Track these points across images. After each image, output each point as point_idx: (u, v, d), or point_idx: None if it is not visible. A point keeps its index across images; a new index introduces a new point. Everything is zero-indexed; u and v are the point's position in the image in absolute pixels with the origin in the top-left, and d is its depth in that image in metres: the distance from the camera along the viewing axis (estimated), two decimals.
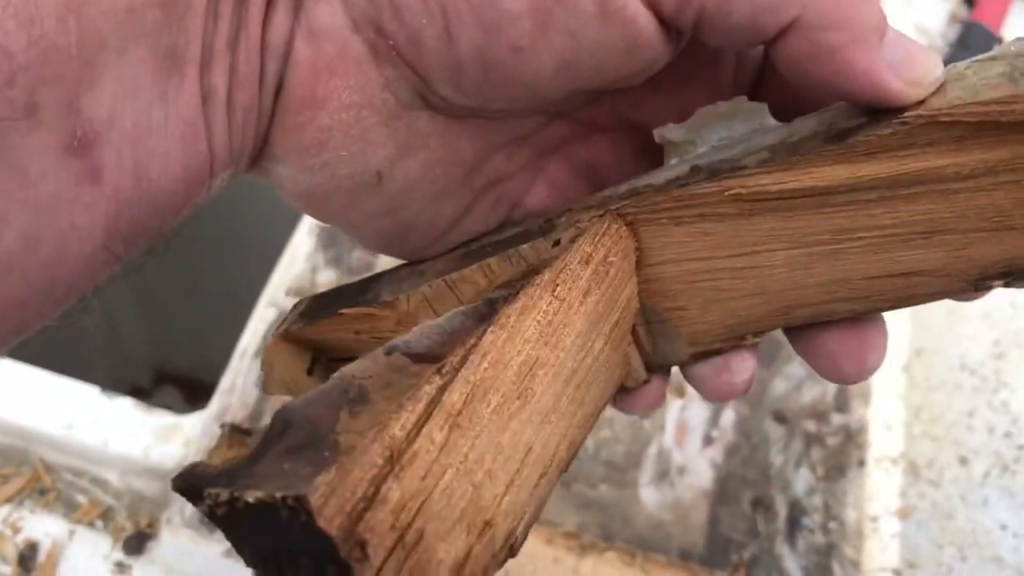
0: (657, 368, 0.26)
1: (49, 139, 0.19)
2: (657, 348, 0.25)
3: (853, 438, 0.63)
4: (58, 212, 0.19)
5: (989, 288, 0.22)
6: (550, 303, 0.22)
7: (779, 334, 0.25)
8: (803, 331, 0.25)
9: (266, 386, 0.28)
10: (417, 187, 0.25)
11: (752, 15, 0.21)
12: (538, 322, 0.22)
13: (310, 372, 0.27)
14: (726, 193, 0.23)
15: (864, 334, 0.25)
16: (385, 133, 0.23)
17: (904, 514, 0.63)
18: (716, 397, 0.27)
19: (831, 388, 0.65)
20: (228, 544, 0.54)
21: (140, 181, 0.21)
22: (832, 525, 0.60)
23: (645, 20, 0.22)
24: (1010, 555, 0.63)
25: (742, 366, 0.26)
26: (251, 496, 0.19)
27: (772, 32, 0.22)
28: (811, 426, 0.63)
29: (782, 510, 0.59)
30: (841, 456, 0.62)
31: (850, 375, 0.25)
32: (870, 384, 0.66)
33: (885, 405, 0.67)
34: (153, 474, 0.57)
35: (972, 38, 0.87)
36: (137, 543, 0.55)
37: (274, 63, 0.22)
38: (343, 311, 0.25)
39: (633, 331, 0.24)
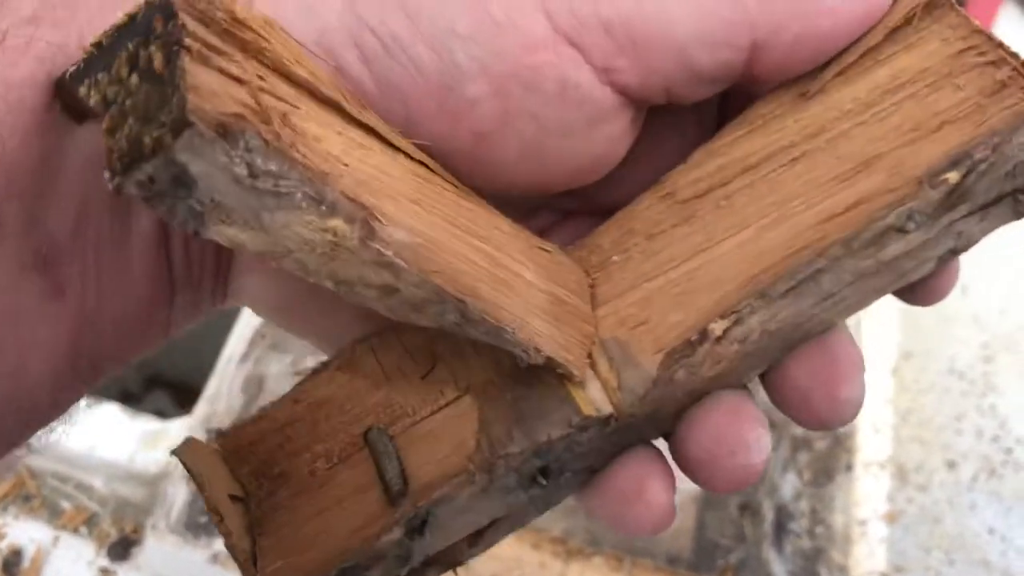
0: (627, 408, 0.23)
1: (11, 254, 0.19)
2: (623, 381, 0.22)
3: (841, 442, 0.63)
4: (21, 325, 0.19)
5: (945, 183, 0.21)
6: None
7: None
8: (772, 372, 0.23)
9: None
10: None
11: (717, 63, 0.22)
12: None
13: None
14: (659, 196, 0.23)
15: (836, 366, 0.23)
16: None
17: (892, 518, 0.63)
18: (726, 486, 0.23)
19: None
20: (214, 550, 0.54)
21: (103, 298, 0.21)
22: (819, 530, 0.59)
23: (604, 96, 0.22)
24: (998, 559, 0.63)
25: (757, 444, 0.23)
26: (120, 16, 0.17)
27: (742, 68, 0.22)
28: (799, 430, 0.63)
29: (769, 514, 0.59)
30: (829, 460, 0.62)
31: (824, 413, 0.23)
32: None
33: (873, 409, 0.67)
34: (138, 480, 0.57)
35: None
36: (122, 549, 0.55)
37: None
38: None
39: (591, 359, 0.23)
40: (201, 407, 0.59)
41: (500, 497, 0.22)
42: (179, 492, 0.56)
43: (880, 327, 0.71)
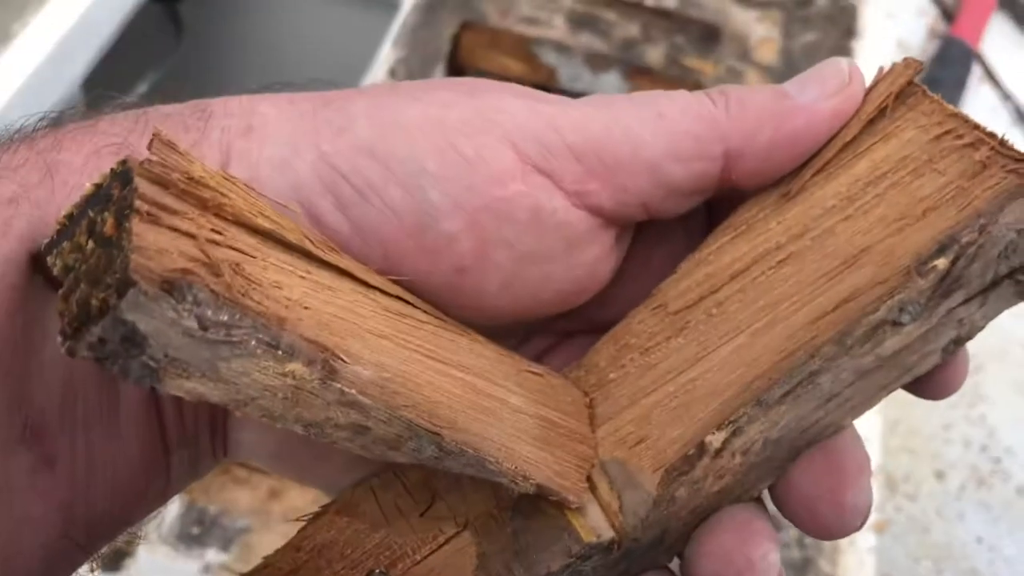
0: (630, 531, 0.22)
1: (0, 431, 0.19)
2: (625, 503, 0.22)
3: None
4: (12, 502, 0.19)
5: (934, 270, 0.21)
6: None
7: None
8: (778, 484, 0.23)
9: None
10: None
11: (692, 176, 0.22)
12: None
13: None
14: (651, 309, 0.23)
15: (841, 471, 0.22)
16: None
17: (881, 528, 0.63)
18: None
19: None
20: (206, 560, 0.54)
21: (94, 466, 0.21)
22: (808, 540, 0.60)
23: (580, 219, 0.22)
24: (986, 568, 0.63)
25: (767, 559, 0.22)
26: (86, 187, 0.17)
27: (719, 177, 0.23)
28: None
29: None
30: None
31: (831, 522, 0.22)
32: None
33: (862, 418, 0.67)
34: None
35: (951, 53, 0.88)
36: (114, 560, 0.55)
37: None
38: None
39: (590, 483, 0.22)
40: None
41: None
42: (171, 504, 0.56)
43: None
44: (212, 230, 0.17)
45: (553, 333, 0.27)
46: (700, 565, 0.22)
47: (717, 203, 0.25)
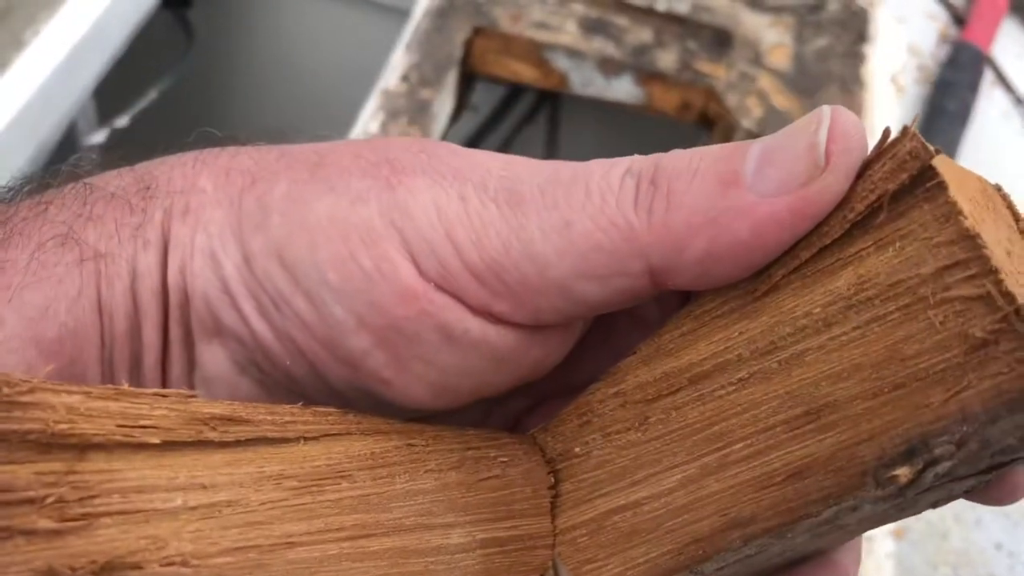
0: None
1: None
2: None
3: None
4: None
5: (894, 480, 0.17)
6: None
7: None
8: None
9: None
10: None
11: (612, 292, 0.20)
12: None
13: None
14: (611, 392, 0.22)
15: None
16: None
17: (899, 534, 0.63)
18: None
19: None
20: None
21: None
22: None
23: (498, 335, 0.21)
24: (1005, 574, 0.63)
25: None
26: None
27: (650, 288, 0.20)
28: None
29: None
30: None
31: None
32: None
33: None
34: None
35: (962, 57, 0.88)
36: None
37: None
38: None
39: None
40: None
41: None
42: None
43: None
44: (51, 478, 0.16)
45: (527, 396, 0.25)
46: None
47: None
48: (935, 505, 0.19)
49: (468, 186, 0.21)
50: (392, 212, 0.20)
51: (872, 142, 0.20)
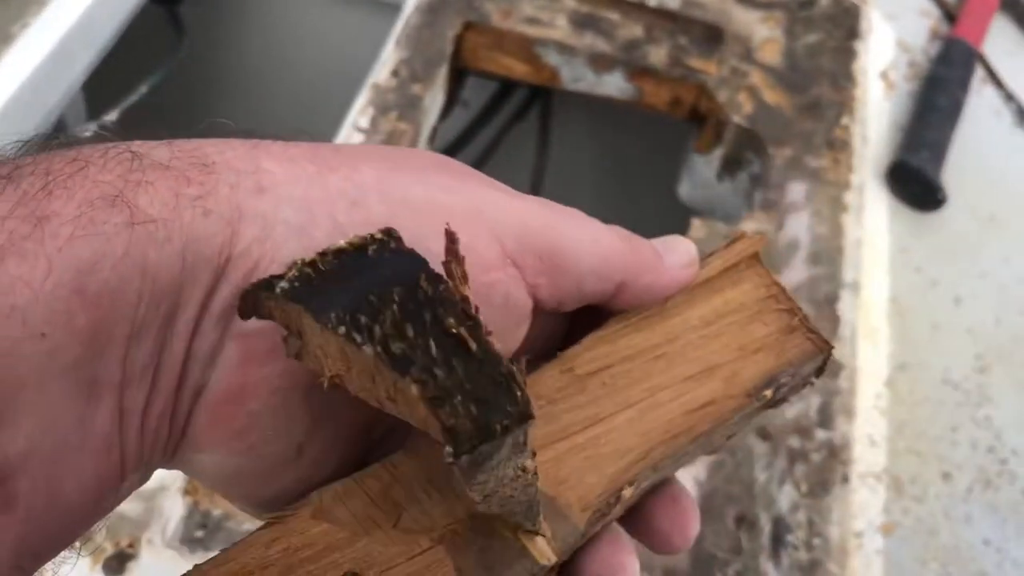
0: (563, 556, 0.26)
1: None
2: (556, 532, 0.25)
3: (837, 454, 0.63)
4: None
5: (764, 397, 0.29)
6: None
7: None
8: (639, 521, 0.29)
9: None
10: (329, 454, 0.26)
11: (597, 291, 0.28)
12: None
13: None
14: (560, 369, 0.29)
15: (686, 513, 0.29)
16: (304, 408, 0.24)
17: (888, 530, 0.63)
18: None
19: (814, 403, 0.65)
20: None
21: (53, 500, 0.21)
22: (816, 542, 0.60)
23: (527, 305, 0.27)
24: (994, 571, 0.63)
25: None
26: (340, 243, 0.20)
27: (609, 297, 0.29)
28: (795, 442, 0.63)
29: (766, 527, 0.59)
30: (825, 472, 0.62)
31: (680, 545, 0.29)
32: (854, 399, 0.66)
33: (869, 420, 0.67)
34: (135, 495, 0.56)
35: (953, 54, 0.87)
36: (117, 563, 0.54)
37: (198, 368, 0.23)
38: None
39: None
40: None
41: None
42: (176, 506, 0.55)
43: (873, 339, 0.71)
44: None
45: None
46: (587, 571, 0.27)
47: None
48: (777, 404, 0.31)
49: (519, 196, 0.27)
50: (475, 201, 0.26)
51: (863, 135, 0.27)
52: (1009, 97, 0.89)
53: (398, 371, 0.18)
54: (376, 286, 0.19)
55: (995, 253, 0.79)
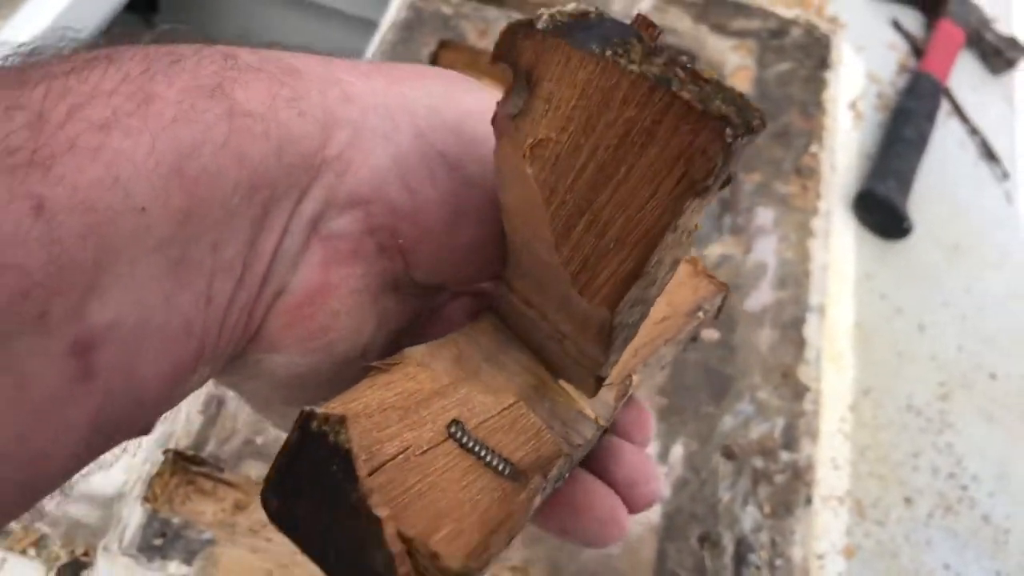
0: (604, 422, 0.28)
1: (53, 345, 0.19)
2: (593, 407, 0.28)
3: (801, 476, 0.63)
4: (50, 411, 0.20)
5: (699, 318, 0.32)
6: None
7: (729, 371, 0.27)
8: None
9: None
10: (385, 354, 0.27)
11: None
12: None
13: None
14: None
15: (640, 412, 0.30)
16: (373, 311, 0.26)
17: (850, 553, 0.63)
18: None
19: (779, 425, 0.65)
20: (168, 572, 0.52)
21: (130, 378, 0.21)
22: (779, 562, 0.60)
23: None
24: None
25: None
26: (565, 8, 0.22)
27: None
28: (759, 463, 0.63)
29: (729, 546, 0.59)
30: (788, 493, 0.62)
31: (642, 443, 0.30)
32: (818, 422, 0.66)
33: (832, 444, 0.67)
34: (92, 501, 0.55)
35: (920, 87, 0.89)
36: (72, 572, 0.53)
37: (283, 268, 0.24)
38: None
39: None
40: (159, 427, 0.58)
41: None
42: (134, 514, 0.54)
43: (838, 363, 0.72)
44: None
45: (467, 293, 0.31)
46: (618, 475, 0.28)
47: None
48: (699, 330, 0.33)
49: None
50: None
51: (831, 163, 0.26)
52: (973, 131, 0.91)
53: (663, 86, 0.20)
54: (612, 35, 0.21)
55: (958, 283, 0.80)
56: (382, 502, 0.21)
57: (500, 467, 0.24)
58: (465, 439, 0.24)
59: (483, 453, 0.24)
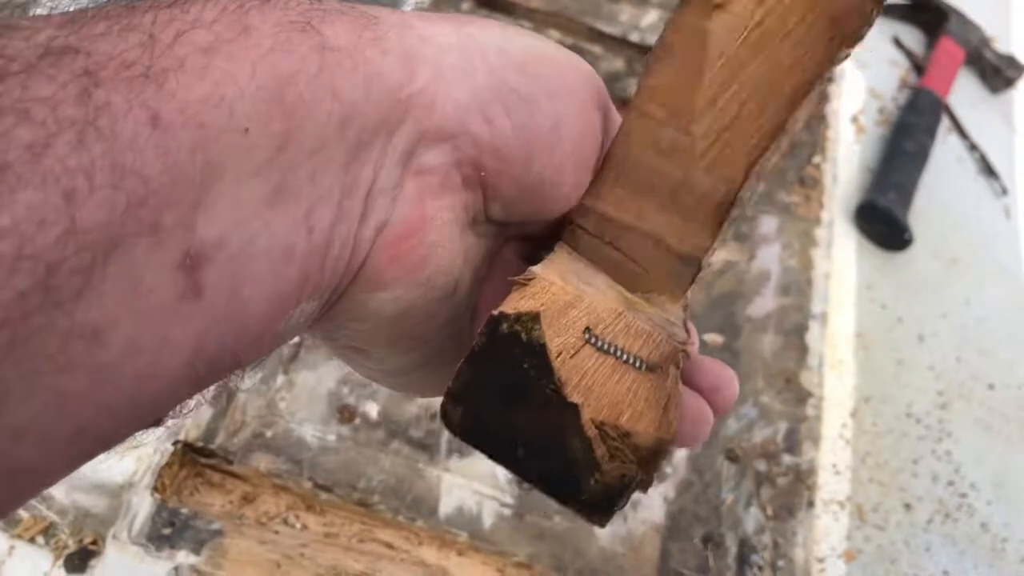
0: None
1: (165, 256, 0.20)
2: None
3: (803, 479, 0.64)
4: (159, 324, 0.20)
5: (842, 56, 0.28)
6: None
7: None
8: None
9: None
10: (469, 292, 0.29)
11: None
12: None
13: None
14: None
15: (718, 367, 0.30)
16: (461, 245, 0.27)
17: (850, 557, 0.64)
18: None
19: (782, 429, 0.66)
20: (176, 562, 0.53)
21: (233, 300, 0.22)
22: (781, 563, 0.60)
23: None
24: None
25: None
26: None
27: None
28: (762, 466, 0.64)
29: (732, 547, 0.60)
30: (791, 496, 0.63)
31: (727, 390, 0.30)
32: (820, 427, 0.67)
33: (833, 449, 0.68)
34: (101, 490, 0.56)
35: (921, 103, 0.90)
36: (80, 560, 0.53)
37: (382, 202, 0.25)
38: None
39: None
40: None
41: None
42: (143, 503, 0.55)
43: (839, 370, 0.73)
44: None
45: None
46: (701, 383, 0.29)
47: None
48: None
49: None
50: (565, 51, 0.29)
51: (834, 174, 0.27)
52: (973, 147, 0.92)
53: None
54: None
55: (957, 294, 0.81)
56: (574, 391, 0.23)
57: (637, 364, 0.25)
58: (600, 343, 0.25)
59: (619, 354, 0.25)
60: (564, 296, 0.26)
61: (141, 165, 0.19)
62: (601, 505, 0.23)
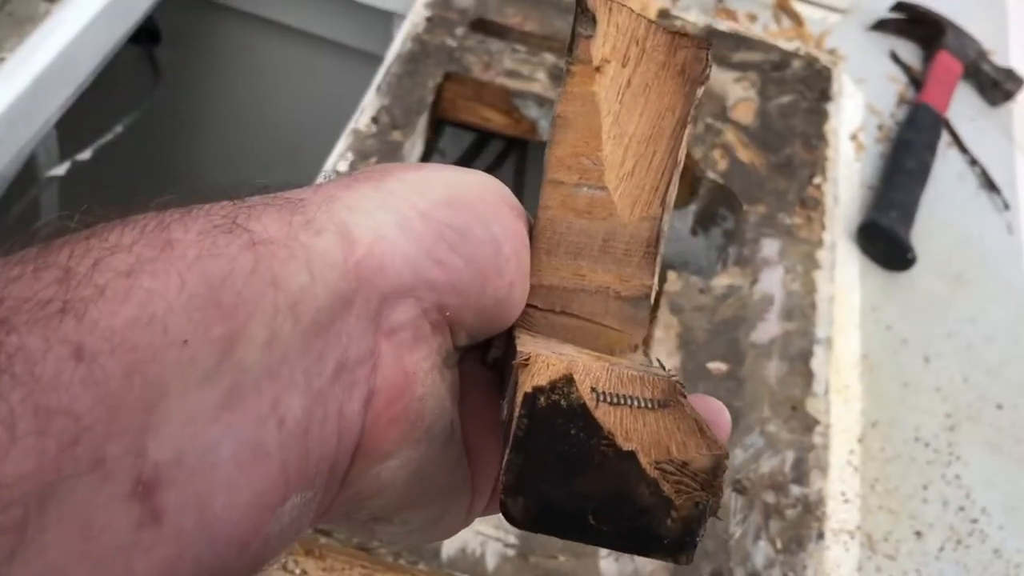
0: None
1: (114, 488, 0.19)
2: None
3: (812, 510, 0.63)
4: (119, 561, 0.19)
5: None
6: None
7: (738, 404, 0.26)
8: None
9: None
10: (463, 427, 0.29)
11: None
12: None
13: None
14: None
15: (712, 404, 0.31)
16: (444, 387, 0.27)
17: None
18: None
19: (789, 459, 0.65)
20: None
21: (202, 516, 0.21)
22: None
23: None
24: None
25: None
26: None
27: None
28: (770, 497, 0.63)
29: None
30: (800, 528, 0.62)
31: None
32: (828, 455, 0.66)
33: (842, 477, 0.67)
34: None
35: (920, 118, 0.90)
36: None
37: (362, 374, 0.25)
38: None
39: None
40: None
41: None
42: None
43: (845, 395, 0.72)
44: None
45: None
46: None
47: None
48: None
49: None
50: (476, 175, 0.30)
51: (835, 194, 0.27)
52: (973, 162, 0.91)
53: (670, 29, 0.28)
54: None
55: (962, 313, 0.80)
56: (625, 441, 0.23)
57: (650, 405, 0.25)
58: (609, 398, 0.26)
59: (629, 402, 0.25)
60: (562, 365, 0.27)
61: (70, 402, 0.18)
62: (684, 541, 0.23)
